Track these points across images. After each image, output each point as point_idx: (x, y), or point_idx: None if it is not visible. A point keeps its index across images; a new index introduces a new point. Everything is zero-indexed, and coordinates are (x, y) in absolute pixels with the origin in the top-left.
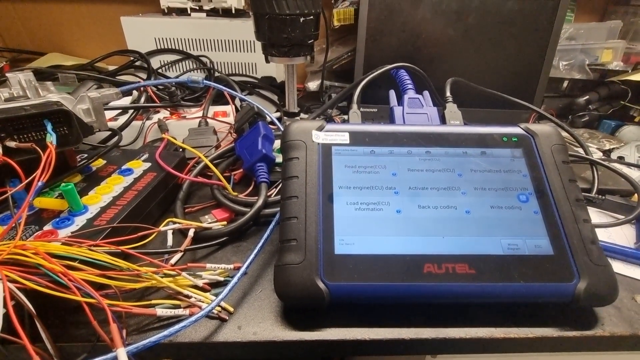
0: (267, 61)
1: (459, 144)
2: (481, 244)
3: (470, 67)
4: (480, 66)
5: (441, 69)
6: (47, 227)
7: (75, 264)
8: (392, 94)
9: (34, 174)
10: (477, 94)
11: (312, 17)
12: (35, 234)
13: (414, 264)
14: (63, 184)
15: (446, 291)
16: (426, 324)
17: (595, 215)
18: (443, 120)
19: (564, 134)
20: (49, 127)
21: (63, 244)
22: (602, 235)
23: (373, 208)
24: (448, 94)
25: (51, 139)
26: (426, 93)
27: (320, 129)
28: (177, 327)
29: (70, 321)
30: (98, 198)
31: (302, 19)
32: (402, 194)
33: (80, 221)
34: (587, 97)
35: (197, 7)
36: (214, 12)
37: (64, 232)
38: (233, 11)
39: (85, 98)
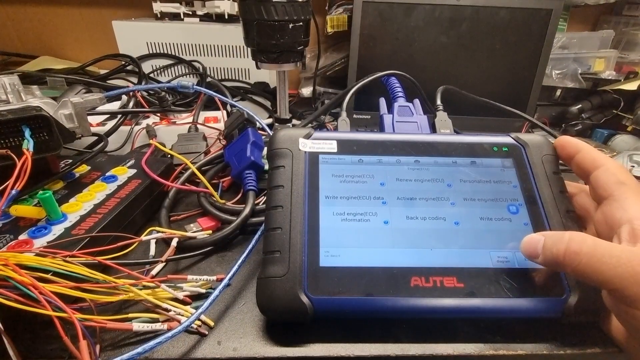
0: (258, 67)
1: (448, 154)
2: (470, 257)
3: (463, 75)
4: (473, 74)
5: (434, 76)
6: (23, 237)
7: (49, 276)
8: (382, 101)
9: (7, 182)
10: (471, 101)
11: (301, 23)
12: (9, 244)
13: (401, 277)
14: (41, 192)
15: (433, 305)
16: (413, 340)
17: None
18: (433, 129)
19: None
20: (27, 133)
21: (37, 254)
22: None
23: (360, 219)
24: (439, 102)
25: (28, 145)
26: (416, 101)
27: (308, 137)
28: (152, 343)
29: (41, 336)
30: (78, 206)
31: (290, 25)
32: (390, 204)
33: (57, 230)
34: (580, 105)
35: (190, 12)
36: (207, 18)
37: (39, 242)
38: (226, 16)
39: (67, 103)
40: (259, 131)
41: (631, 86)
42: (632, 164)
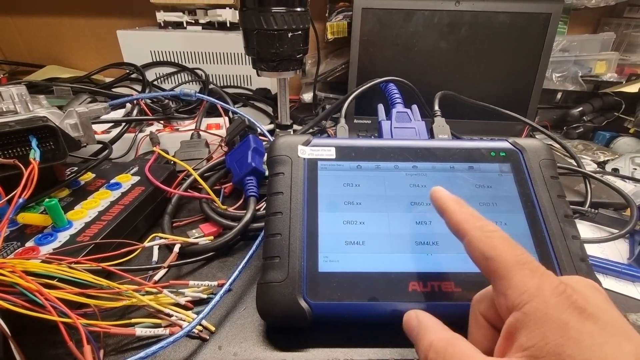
0: (259, 75)
1: (446, 159)
2: (468, 262)
3: (463, 79)
4: (474, 78)
5: (434, 81)
6: (29, 244)
7: (54, 282)
8: (381, 108)
9: (15, 191)
10: (471, 105)
11: (300, 32)
12: (16, 251)
13: (399, 282)
14: (47, 200)
15: (432, 310)
16: (411, 344)
17: (589, 229)
18: (431, 134)
19: (557, 146)
20: (34, 142)
21: (42, 261)
22: (595, 250)
23: (358, 224)
24: (436, 107)
25: (34, 155)
26: (414, 107)
27: (307, 143)
28: (154, 347)
29: (47, 341)
30: (83, 213)
31: (290, 34)
32: (388, 210)
33: (63, 237)
34: (581, 108)
35: (193, 21)
36: (209, 26)
37: (45, 249)
38: (228, 25)
39: (73, 113)
40: (260, 137)
41: (633, 88)
42: (635, 166)
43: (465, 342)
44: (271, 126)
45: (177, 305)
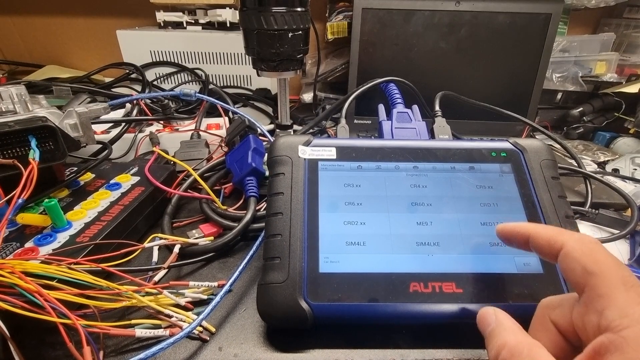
0: (259, 75)
1: (447, 159)
2: (469, 262)
3: (463, 80)
4: (474, 78)
5: (434, 81)
6: (29, 244)
7: (54, 283)
8: (381, 108)
9: (15, 191)
10: (471, 105)
11: (300, 32)
12: (16, 252)
13: (400, 282)
14: (46, 200)
15: (432, 311)
16: (412, 345)
17: (590, 229)
18: (432, 135)
19: (557, 146)
20: (33, 143)
21: (42, 262)
22: None
23: (359, 225)
24: (437, 108)
25: (34, 155)
26: (415, 107)
27: (307, 144)
28: (154, 348)
29: (46, 342)
30: (83, 213)
31: (290, 34)
32: (389, 211)
33: (62, 238)
34: (581, 109)
35: (193, 21)
36: (209, 26)
37: (45, 249)
38: (228, 25)
39: (72, 113)
40: (260, 137)
41: (633, 89)
42: (635, 166)
43: (545, 351)
44: (271, 126)
45: (177, 306)
